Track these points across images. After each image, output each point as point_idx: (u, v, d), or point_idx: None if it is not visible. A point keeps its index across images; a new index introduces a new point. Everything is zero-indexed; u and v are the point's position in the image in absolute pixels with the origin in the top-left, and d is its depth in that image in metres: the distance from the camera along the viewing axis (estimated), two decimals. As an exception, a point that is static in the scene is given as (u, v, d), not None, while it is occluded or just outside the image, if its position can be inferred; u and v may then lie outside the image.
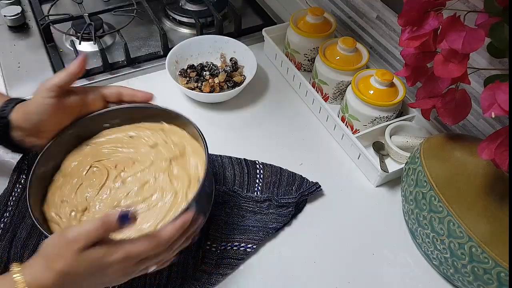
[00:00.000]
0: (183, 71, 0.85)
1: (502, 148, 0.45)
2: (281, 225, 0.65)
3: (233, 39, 0.88)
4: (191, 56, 0.88)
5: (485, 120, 0.67)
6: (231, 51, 0.89)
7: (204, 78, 0.83)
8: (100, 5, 0.99)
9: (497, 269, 0.50)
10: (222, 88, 0.83)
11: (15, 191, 0.66)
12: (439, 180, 0.56)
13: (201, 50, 0.88)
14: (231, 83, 0.83)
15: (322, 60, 0.79)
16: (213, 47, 0.89)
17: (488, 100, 0.42)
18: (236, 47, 0.88)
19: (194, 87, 0.82)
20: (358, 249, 0.65)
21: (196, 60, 0.88)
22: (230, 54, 0.89)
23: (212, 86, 0.82)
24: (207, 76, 0.83)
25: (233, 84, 0.83)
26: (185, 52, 0.87)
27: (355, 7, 0.86)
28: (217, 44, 0.89)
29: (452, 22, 0.47)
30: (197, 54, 0.88)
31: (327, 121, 0.80)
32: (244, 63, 0.87)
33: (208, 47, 0.89)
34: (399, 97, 0.73)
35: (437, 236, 0.56)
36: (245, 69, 0.87)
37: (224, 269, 0.61)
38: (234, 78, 0.84)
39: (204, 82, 0.82)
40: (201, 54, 0.88)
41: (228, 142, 0.77)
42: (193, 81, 0.83)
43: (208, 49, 0.89)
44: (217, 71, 0.84)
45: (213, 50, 0.89)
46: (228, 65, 0.86)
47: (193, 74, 0.84)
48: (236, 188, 0.69)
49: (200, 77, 0.84)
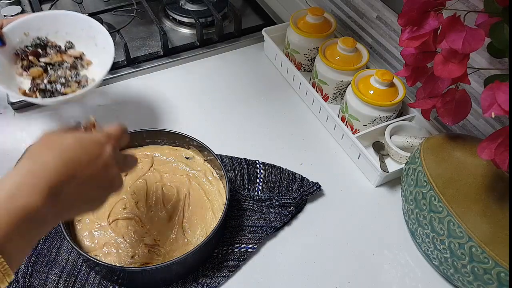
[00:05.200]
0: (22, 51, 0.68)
1: (502, 148, 0.45)
2: (281, 225, 0.65)
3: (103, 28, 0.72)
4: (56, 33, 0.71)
5: (485, 120, 0.67)
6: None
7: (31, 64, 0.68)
8: (100, 5, 0.99)
9: (497, 269, 0.50)
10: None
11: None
12: (439, 180, 0.56)
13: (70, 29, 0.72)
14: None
15: (322, 60, 0.79)
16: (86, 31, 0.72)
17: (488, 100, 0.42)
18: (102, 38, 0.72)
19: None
20: (358, 249, 0.65)
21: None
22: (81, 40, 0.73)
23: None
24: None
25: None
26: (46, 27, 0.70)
27: (355, 7, 0.86)
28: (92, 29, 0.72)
29: (452, 22, 0.47)
30: (64, 33, 0.72)
31: (327, 121, 0.80)
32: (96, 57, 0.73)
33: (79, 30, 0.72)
34: (399, 97, 0.73)
35: (437, 236, 0.56)
36: (92, 66, 0.72)
37: (226, 271, 0.61)
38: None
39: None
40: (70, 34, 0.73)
41: (228, 142, 0.77)
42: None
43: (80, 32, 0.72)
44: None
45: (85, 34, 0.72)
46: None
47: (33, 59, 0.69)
48: (237, 187, 0.69)
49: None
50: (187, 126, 0.71)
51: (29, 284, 0.57)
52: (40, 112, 0.79)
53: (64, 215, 0.41)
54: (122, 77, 0.86)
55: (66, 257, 0.60)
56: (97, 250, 0.58)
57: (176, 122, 0.76)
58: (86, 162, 0.41)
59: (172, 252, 0.58)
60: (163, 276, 0.57)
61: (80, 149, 0.41)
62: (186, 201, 0.63)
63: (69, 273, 0.58)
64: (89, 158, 0.41)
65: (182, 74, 0.89)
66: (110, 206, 0.62)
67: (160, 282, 0.58)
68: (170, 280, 0.59)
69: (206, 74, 0.90)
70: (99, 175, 0.42)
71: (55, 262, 0.59)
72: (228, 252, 0.62)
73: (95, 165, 0.42)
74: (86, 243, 0.58)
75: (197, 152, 0.69)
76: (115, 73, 0.86)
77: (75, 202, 0.40)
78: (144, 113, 0.81)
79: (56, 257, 0.60)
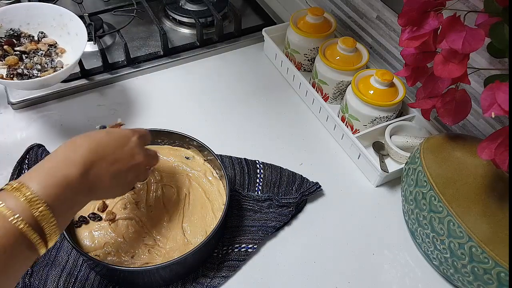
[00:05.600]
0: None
1: (502, 148, 0.45)
2: (281, 224, 0.65)
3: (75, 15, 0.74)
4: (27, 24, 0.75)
5: (485, 120, 0.67)
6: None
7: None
8: (100, 5, 0.99)
9: (497, 269, 0.50)
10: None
11: (15, 191, 0.66)
12: (439, 180, 0.56)
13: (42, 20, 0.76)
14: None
15: (322, 60, 0.79)
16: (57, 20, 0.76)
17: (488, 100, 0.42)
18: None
19: None
20: (358, 249, 0.65)
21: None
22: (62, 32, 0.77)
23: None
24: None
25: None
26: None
27: (355, 7, 0.86)
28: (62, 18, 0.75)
29: (452, 22, 0.47)
30: (36, 24, 0.76)
31: (327, 121, 0.80)
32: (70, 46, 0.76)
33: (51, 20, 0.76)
34: (399, 97, 0.73)
35: (437, 236, 0.56)
36: (67, 54, 0.75)
37: (226, 271, 0.61)
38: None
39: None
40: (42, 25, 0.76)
41: (228, 142, 0.77)
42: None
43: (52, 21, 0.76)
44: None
45: (57, 24, 0.76)
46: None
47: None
48: (237, 187, 0.69)
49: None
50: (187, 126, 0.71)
51: (29, 284, 0.57)
52: (40, 112, 0.79)
53: (94, 191, 0.47)
54: (122, 77, 0.86)
55: (66, 257, 0.60)
56: (97, 250, 0.58)
57: (176, 122, 0.76)
58: (114, 148, 0.49)
59: (172, 252, 0.58)
60: (163, 276, 0.57)
61: (109, 137, 0.50)
62: (186, 201, 0.63)
63: (69, 273, 0.58)
64: (117, 145, 0.50)
65: (182, 74, 0.89)
66: (110, 206, 0.62)
67: (160, 282, 0.58)
68: (170, 280, 0.59)
69: (206, 74, 0.90)
70: (125, 160, 0.50)
71: (55, 262, 0.59)
72: (228, 252, 0.62)
73: (121, 151, 0.50)
74: (86, 243, 0.58)
75: (197, 152, 0.69)
76: (115, 73, 0.86)
77: (104, 179, 0.48)
78: (144, 113, 0.81)
79: (56, 257, 0.60)
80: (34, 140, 0.73)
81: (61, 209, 0.42)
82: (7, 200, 0.39)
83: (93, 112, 0.80)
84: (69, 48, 0.76)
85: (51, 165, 0.44)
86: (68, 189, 0.43)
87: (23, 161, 0.68)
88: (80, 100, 0.82)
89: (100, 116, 0.79)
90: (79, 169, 0.45)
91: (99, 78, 0.84)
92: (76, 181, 0.44)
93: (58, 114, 0.79)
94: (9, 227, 0.38)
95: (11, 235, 0.38)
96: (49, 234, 0.41)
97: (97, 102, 0.82)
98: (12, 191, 0.40)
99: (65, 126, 0.77)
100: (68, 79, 0.83)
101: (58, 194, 0.42)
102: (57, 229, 0.42)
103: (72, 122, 0.78)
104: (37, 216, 0.40)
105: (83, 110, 0.80)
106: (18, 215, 0.38)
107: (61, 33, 0.76)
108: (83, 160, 0.45)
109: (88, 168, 0.46)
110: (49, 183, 0.42)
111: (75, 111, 0.80)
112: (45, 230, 0.40)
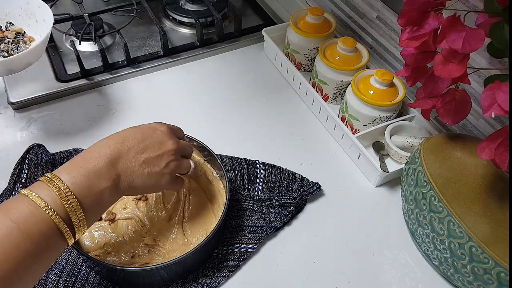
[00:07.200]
0: None
1: (502, 148, 0.45)
2: (281, 224, 0.65)
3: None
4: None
5: (485, 120, 0.67)
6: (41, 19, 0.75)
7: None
8: (100, 5, 0.99)
9: (497, 269, 0.50)
10: None
11: (16, 190, 0.66)
12: (439, 180, 0.56)
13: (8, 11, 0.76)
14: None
15: (322, 60, 0.79)
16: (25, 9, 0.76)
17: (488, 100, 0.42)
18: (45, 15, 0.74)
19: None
20: (358, 249, 0.65)
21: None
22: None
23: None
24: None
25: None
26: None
27: (355, 7, 0.86)
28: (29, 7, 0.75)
29: (452, 22, 0.47)
30: (4, 14, 0.76)
31: (327, 121, 0.80)
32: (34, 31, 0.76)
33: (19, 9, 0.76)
34: (399, 97, 0.73)
35: (437, 236, 0.56)
36: (35, 42, 0.75)
37: (226, 271, 0.61)
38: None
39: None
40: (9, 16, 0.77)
41: (228, 142, 0.77)
42: None
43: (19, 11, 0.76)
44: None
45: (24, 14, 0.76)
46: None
47: None
48: (237, 187, 0.69)
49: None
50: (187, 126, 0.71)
51: (29, 284, 0.57)
52: (40, 112, 0.79)
53: (125, 182, 0.49)
54: (122, 77, 0.86)
55: (66, 257, 0.60)
56: (97, 250, 0.57)
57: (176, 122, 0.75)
58: (141, 138, 0.51)
59: (172, 252, 0.58)
60: (163, 276, 0.57)
61: (136, 129, 0.52)
62: (186, 201, 0.63)
63: (69, 273, 0.58)
64: (144, 136, 0.52)
65: (182, 74, 0.89)
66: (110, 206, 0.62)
67: (160, 282, 0.58)
68: (170, 280, 0.59)
69: (206, 74, 0.90)
70: (153, 147, 0.51)
71: (55, 262, 0.59)
72: (228, 252, 0.62)
73: (150, 140, 0.52)
74: (86, 243, 0.58)
75: (197, 152, 0.68)
76: (115, 73, 0.86)
77: (133, 169, 0.49)
78: (144, 113, 0.81)
79: (56, 257, 0.60)
80: (34, 140, 0.73)
81: (89, 200, 0.45)
82: (42, 191, 0.42)
83: (93, 112, 0.80)
84: (37, 36, 0.76)
85: (82, 158, 0.47)
86: (96, 179, 0.45)
87: (23, 161, 0.68)
88: (80, 100, 0.82)
89: (100, 116, 0.79)
90: (105, 161, 0.47)
91: (99, 78, 0.84)
92: (103, 172, 0.46)
93: (58, 114, 0.79)
94: (43, 216, 0.41)
95: (44, 224, 0.41)
96: (77, 226, 0.44)
97: (97, 102, 0.82)
98: (46, 182, 0.43)
99: (65, 126, 0.77)
100: (68, 79, 0.83)
101: (86, 186, 0.44)
102: (85, 221, 0.44)
103: (72, 122, 0.78)
104: (67, 207, 0.42)
105: (83, 110, 0.80)
106: (50, 206, 0.41)
107: (29, 22, 0.77)
108: (110, 151, 0.48)
109: (115, 158, 0.48)
110: (78, 174, 0.45)
111: (75, 111, 0.80)
112: (73, 222, 0.43)
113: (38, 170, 0.68)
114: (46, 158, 0.68)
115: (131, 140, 0.50)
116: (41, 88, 0.81)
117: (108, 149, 0.48)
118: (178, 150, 0.54)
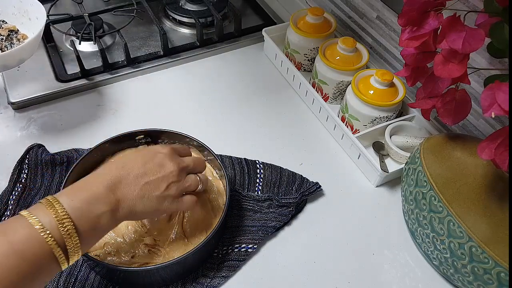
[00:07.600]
0: None
1: (502, 148, 0.45)
2: (281, 224, 0.65)
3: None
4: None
5: (485, 120, 0.67)
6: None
7: None
8: (100, 5, 0.99)
9: (497, 269, 0.50)
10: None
11: (16, 190, 0.66)
12: (439, 180, 0.56)
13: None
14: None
15: (322, 60, 0.79)
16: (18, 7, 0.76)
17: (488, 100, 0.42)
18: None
19: None
20: (358, 249, 0.65)
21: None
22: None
23: None
24: None
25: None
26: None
27: (355, 7, 0.86)
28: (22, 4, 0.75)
29: (452, 22, 0.47)
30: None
31: (327, 121, 0.80)
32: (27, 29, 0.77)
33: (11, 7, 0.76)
34: (399, 97, 0.73)
35: (437, 236, 0.56)
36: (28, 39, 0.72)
37: (226, 271, 0.61)
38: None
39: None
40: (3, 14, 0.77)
41: (228, 142, 0.77)
42: None
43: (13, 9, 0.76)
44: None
45: (17, 12, 0.76)
46: None
47: None
48: (237, 187, 0.69)
49: None
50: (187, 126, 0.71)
51: (29, 284, 0.57)
52: (40, 112, 0.79)
53: (124, 207, 0.48)
54: (122, 77, 0.86)
55: (66, 257, 0.60)
56: (97, 250, 0.57)
57: (176, 122, 0.76)
58: (142, 162, 0.51)
59: (172, 252, 0.58)
60: (163, 276, 0.57)
61: (137, 154, 0.53)
62: None
63: (69, 273, 0.58)
64: (145, 159, 0.52)
65: (182, 74, 0.89)
66: None
67: (160, 282, 0.58)
68: (170, 280, 0.59)
69: (206, 74, 0.90)
70: (153, 171, 0.51)
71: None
72: (228, 252, 0.62)
73: (150, 164, 0.51)
74: None
75: (197, 152, 0.68)
76: (115, 73, 0.86)
77: (132, 193, 0.49)
78: (144, 113, 0.81)
79: (56, 257, 0.60)
80: (34, 140, 0.73)
81: (86, 225, 0.44)
82: (41, 214, 0.42)
83: (93, 112, 0.80)
84: (31, 34, 0.77)
85: (84, 183, 0.48)
86: (94, 203, 0.45)
87: (23, 161, 0.68)
88: (80, 100, 0.82)
89: (100, 116, 0.79)
90: (104, 187, 0.47)
91: (99, 78, 0.84)
92: (102, 196, 0.46)
93: (58, 114, 0.79)
94: (38, 239, 0.41)
95: (39, 247, 0.41)
96: (71, 251, 0.43)
97: (97, 102, 0.82)
98: (46, 204, 0.43)
99: (65, 126, 0.77)
100: (68, 79, 0.83)
101: (84, 209, 0.44)
102: (80, 246, 0.44)
103: (72, 122, 0.78)
104: (62, 231, 0.42)
105: (83, 110, 0.80)
106: (46, 229, 0.41)
107: (22, 20, 0.77)
108: (110, 177, 0.48)
109: (115, 183, 0.48)
110: (77, 198, 0.45)
111: (75, 111, 0.80)
112: (67, 246, 0.43)
113: (38, 170, 0.68)
114: (46, 158, 0.68)
115: (132, 164, 0.50)
116: (41, 88, 0.81)
117: (109, 175, 0.48)
118: (180, 170, 0.53)
